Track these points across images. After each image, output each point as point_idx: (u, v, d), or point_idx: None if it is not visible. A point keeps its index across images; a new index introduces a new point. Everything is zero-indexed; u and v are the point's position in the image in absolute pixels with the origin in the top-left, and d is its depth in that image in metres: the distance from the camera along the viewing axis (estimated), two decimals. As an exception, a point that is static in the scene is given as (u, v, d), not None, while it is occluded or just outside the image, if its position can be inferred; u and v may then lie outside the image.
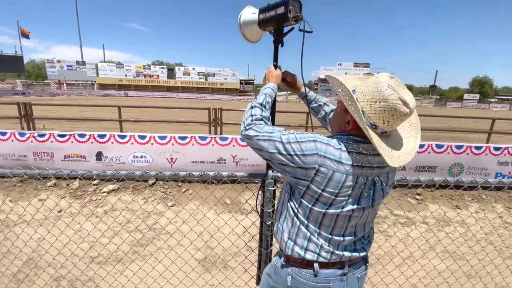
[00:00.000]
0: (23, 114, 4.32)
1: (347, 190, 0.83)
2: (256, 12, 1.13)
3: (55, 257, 2.52)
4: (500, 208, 4.29)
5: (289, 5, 1.01)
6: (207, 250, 2.82)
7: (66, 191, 4.27)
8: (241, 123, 0.96)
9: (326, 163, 0.81)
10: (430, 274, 2.47)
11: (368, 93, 0.80)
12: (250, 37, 1.19)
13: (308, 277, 0.92)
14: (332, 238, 0.89)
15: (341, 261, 0.92)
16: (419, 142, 0.90)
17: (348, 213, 0.86)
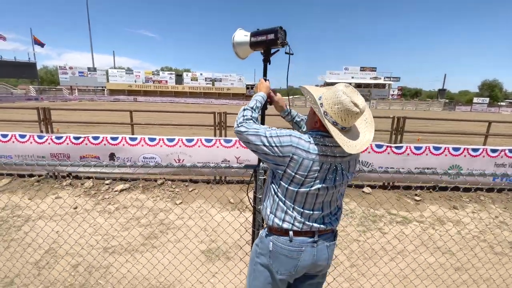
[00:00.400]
0: (42, 118, 4.65)
1: (314, 173, 1.05)
2: (248, 35, 1.37)
3: (72, 247, 2.79)
4: (497, 208, 4.37)
5: (278, 33, 1.27)
6: (210, 243, 3.03)
7: (80, 190, 4.56)
8: (235, 122, 1.20)
9: (298, 152, 1.04)
10: (421, 266, 2.62)
11: (330, 98, 1.04)
12: (242, 55, 1.45)
13: (285, 242, 1.14)
14: (304, 211, 1.11)
15: (312, 231, 1.13)
16: (373, 135, 1.12)
17: (315, 192, 1.08)
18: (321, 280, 1.29)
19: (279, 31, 1.27)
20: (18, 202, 4.05)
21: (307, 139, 1.06)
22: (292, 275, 1.18)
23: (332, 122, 1.04)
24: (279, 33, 1.27)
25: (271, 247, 1.16)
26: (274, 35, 1.27)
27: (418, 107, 43.70)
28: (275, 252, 1.15)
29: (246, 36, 1.36)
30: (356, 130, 1.12)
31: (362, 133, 1.12)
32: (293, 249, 1.13)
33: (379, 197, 4.54)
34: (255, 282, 1.25)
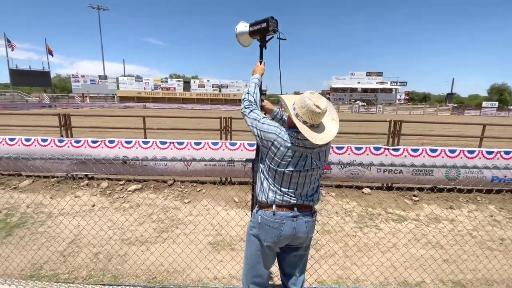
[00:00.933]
0: (63, 124, 5.04)
1: (288, 158, 1.36)
2: (247, 25, 1.70)
3: (93, 238, 3.10)
4: (493, 208, 4.51)
5: (269, 22, 1.59)
6: (216, 236, 3.29)
7: (97, 190, 4.91)
8: (241, 103, 1.54)
9: (278, 140, 1.37)
10: (412, 258, 2.83)
11: (299, 103, 1.35)
12: (244, 43, 1.78)
13: (270, 216, 1.43)
14: (281, 189, 1.42)
15: (290, 205, 1.42)
16: (337, 129, 1.41)
17: (289, 173, 1.38)
18: (304, 252, 1.56)
19: (270, 20, 1.59)
20: (41, 201, 4.41)
21: (286, 133, 1.39)
22: (276, 243, 1.45)
23: (302, 121, 1.35)
24: (270, 22, 1.59)
25: (259, 220, 1.46)
26: (266, 24, 1.60)
27: (426, 111, 43.30)
28: (263, 224, 1.45)
29: (246, 26, 1.70)
30: (324, 126, 1.41)
31: (328, 128, 1.40)
32: (276, 221, 1.42)
33: (378, 197, 4.74)
34: (249, 250, 1.53)
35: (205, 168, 4.97)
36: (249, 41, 1.77)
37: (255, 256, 1.50)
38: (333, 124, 1.42)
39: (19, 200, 4.34)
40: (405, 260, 2.80)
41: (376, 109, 43.02)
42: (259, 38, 1.72)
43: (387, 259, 2.85)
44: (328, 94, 49.09)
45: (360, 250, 3.07)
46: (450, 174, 4.84)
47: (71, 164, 5.10)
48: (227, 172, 5.04)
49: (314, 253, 2.94)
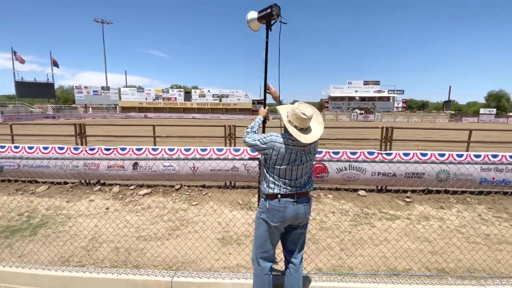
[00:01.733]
0: (78, 132, 5.41)
1: (285, 156, 1.72)
2: (256, 13, 2.15)
3: (111, 235, 3.41)
4: (482, 208, 4.80)
5: (273, 8, 2.01)
6: (224, 233, 3.60)
7: (109, 194, 5.22)
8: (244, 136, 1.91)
9: (276, 146, 1.73)
10: (401, 249, 3.13)
11: (291, 111, 1.72)
12: (254, 27, 2.22)
13: (276, 202, 1.77)
14: (285, 181, 1.77)
15: (291, 193, 1.76)
16: (321, 131, 1.78)
17: (288, 168, 1.74)
18: (303, 230, 1.90)
19: (273, 7, 2.04)
20: (58, 204, 4.73)
21: (281, 137, 1.76)
22: (282, 223, 1.79)
23: (294, 126, 1.72)
24: (274, 8, 2.03)
25: (267, 206, 1.81)
26: (270, 9, 2.04)
27: (423, 118, 43.79)
28: (270, 209, 1.79)
29: (255, 14, 2.16)
30: (311, 129, 1.78)
31: (314, 130, 1.77)
32: (281, 206, 1.77)
33: (373, 199, 5.05)
34: (258, 231, 1.86)
35: (211, 173, 5.30)
36: (258, 26, 2.22)
37: (264, 236, 1.84)
38: (319, 126, 1.79)
39: (38, 204, 4.67)
40: (395, 251, 3.10)
41: (374, 117, 43.55)
42: (265, 22, 2.16)
43: (379, 250, 3.16)
44: (327, 102, 49.80)
45: (354, 244, 3.37)
46: (440, 176, 5.16)
47: (86, 170, 5.44)
48: (231, 177, 5.37)
49: (311, 246, 3.25)
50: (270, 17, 2.06)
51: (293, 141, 1.71)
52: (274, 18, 2.06)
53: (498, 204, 5.07)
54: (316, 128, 1.78)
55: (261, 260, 1.87)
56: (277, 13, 2.00)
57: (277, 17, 2.04)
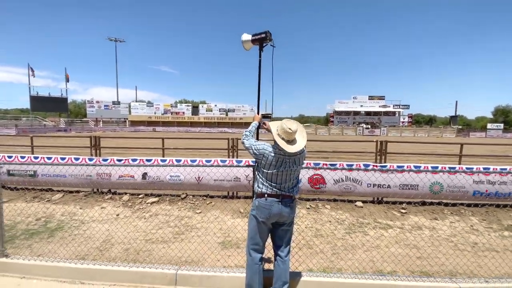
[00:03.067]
0: (93, 144, 5.85)
1: (273, 163, 2.06)
2: (249, 35, 2.61)
3: (122, 238, 3.73)
4: (475, 220, 4.96)
5: (267, 33, 2.47)
6: (225, 238, 3.88)
7: (119, 202, 5.57)
8: (242, 138, 2.24)
9: (265, 153, 2.07)
10: (387, 254, 3.35)
11: (279, 126, 2.08)
12: (246, 47, 2.68)
13: (263, 201, 2.10)
14: (271, 183, 2.09)
15: (277, 194, 2.08)
16: (304, 143, 2.12)
17: (274, 173, 2.07)
18: (288, 228, 2.20)
19: (267, 33, 2.55)
20: (72, 210, 5.09)
21: (271, 146, 2.12)
22: (268, 219, 2.11)
23: (281, 138, 2.06)
24: (267, 34, 2.53)
25: (257, 204, 2.14)
26: (264, 35, 2.56)
27: (430, 133, 43.56)
28: (259, 206, 2.12)
29: (248, 36, 2.63)
30: (296, 141, 2.12)
31: (299, 142, 2.11)
32: (267, 204, 2.10)
33: (369, 209, 5.26)
34: (250, 225, 2.18)
35: (215, 184, 5.62)
36: (250, 46, 2.73)
37: (254, 230, 2.15)
38: (303, 140, 2.13)
39: (54, 211, 5.04)
40: (382, 256, 3.33)
41: (380, 132, 43.57)
42: (258, 44, 2.65)
43: (369, 255, 3.38)
44: (332, 117, 50.21)
45: (346, 249, 3.60)
46: (434, 188, 5.36)
47: (98, 180, 5.84)
48: (233, 187, 5.67)
49: (305, 250, 3.50)
50: (263, 41, 2.59)
51: (280, 151, 2.07)
52: (266, 41, 2.59)
53: (492, 215, 5.21)
54: (300, 141, 2.12)
55: (252, 251, 2.18)
56: (269, 38, 2.55)
57: (269, 41, 2.57)
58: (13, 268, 2.68)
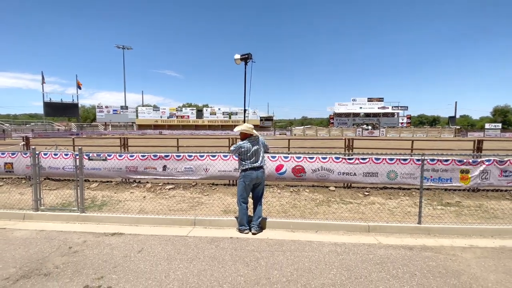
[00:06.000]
0: (122, 144, 7.43)
1: (248, 149, 3.64)
2: (239, 55, 4.90)
3: (153, 209, 5.26)
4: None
5: (249, 54, 4.66)
6: (226, 208, 5.40)
7: (144, 189, 7.13)
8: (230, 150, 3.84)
9: (243, 145, 3.69)
10: (339, 217, 4.82)
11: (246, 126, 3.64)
12: (237, 63, 4.96)
13: (247, 172, 3.67)
14: (250, 161, 3.66)
15: (254, 167, 3.63)
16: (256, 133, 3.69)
17: (249, 154, 3.66)
18: (262, 187, 3.72)
19: (249, 54, 4.88)
20: (109, 194, 6.66)
21: (246, 142, 3.70)
22: (250, 182, 3.64)
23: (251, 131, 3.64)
24: (249, 55, 4.86)
25: (243, 174, 3.67)
26: (247, 55, 4.86)
27: (429, 134, 44.58)
28: (245, 175, 3.65)
29: (238, 55, 4.84)
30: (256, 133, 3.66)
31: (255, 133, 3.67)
32: (250, 173, 3.63)
33: (340, 192, 6.72)
34: (240, 187, 3.72)
35: (219, 174, 7.13)
36: (239, 62, 4.73)
37: (242, 189, 3.68)
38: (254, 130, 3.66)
39: (95, 194, 6.62)
40: (333, 216, 4.80)
41: (379, 133, 44.73)
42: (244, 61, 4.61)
43: (323, 216, 4.86)
44: (332, 119, 51.54)
45: (310, 214, 5.08)
46: (390, 175, 6.80)
47: (126, 172, 7.41)
48: (233, 176, 7.18)
49: (281, 213, 4.99)
50: (247, 59, 4.40)
51: (251, 141, 3.59)
52: (249, 59, 4.39)
53: (437, 196, 6.62)
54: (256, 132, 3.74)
55: (242, 203, 3.71)
56: (250, 57, 4.52)
57: (250, 59, 4.53)
58: (90, 219, 4.23)
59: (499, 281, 2.62)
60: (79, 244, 3.43)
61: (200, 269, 2.79)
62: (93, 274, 2.69)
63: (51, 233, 3.85)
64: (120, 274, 2.68)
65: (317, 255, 3.18)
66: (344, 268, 2.83)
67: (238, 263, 2.93)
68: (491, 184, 6.81)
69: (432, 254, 3.21)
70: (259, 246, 3.42)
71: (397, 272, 2.74)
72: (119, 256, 3.09)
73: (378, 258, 3.06)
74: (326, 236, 3.90)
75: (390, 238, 3.81)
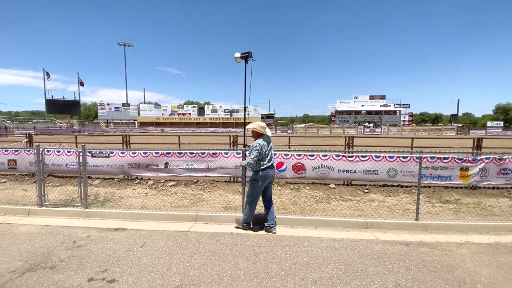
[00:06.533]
0: (125, 141, 7.52)
1: (266, 148, 3.69)
2: (239, 54, 4.78)
3: (155, 205, 5.35)
4: (421, 197, 6.43)
5: (249, 53, 4.58)
6: (227, 204, 5.47)
7: (145, 185, 7.22)
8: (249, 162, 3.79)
9: (264, 146, 3.71)
10: (338, 213, 4.88)
11: (258, 124, 3.68)
12: (237, 61, 4.85)
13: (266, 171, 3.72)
14: (267, 160, 3.72)
15: (270, 166, 3.72)
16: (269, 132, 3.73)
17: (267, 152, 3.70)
18: (271, 184, 3.80)
19: (249, 53, 4.74)
20: (111, 191, 6.75)
21: (262, 140, 3.71)
22: (267, 181, 3.74)
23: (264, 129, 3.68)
24: (249, 53, 4.72)
25: (261, 174, 3.71)
26: (247, 54, 4.73)
27: (430, 132, 44.45)
28: (263, 175, 3.70)
29: (238, 54, 4.76)
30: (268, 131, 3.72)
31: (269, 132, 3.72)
32: (266, 172, 3.70)
33: (340, 190, 6.78)
34: (254, 188, 3.76)
35: (220, 170, 7.20)
36: (240, 60, 4.86)
37: (259, 188, 3.75)
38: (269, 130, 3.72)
39: (97, 190, 6.71)
40: (333, 213, 4.87)
41: (381, 131, 44.66)
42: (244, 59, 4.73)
43: (323, 213, 4.93)
44: (333, 116, 51.48)
45: (310, 211, 5.15)
46: (390, 173, 6.85)
47: (129, 168, 7.49)
48: (234, 173, 7.25)
49: (282, 211, 5.07)
50: (247, 57, 4.71)
51: (264, 139, 3.69)
52: (249, 58, 4.71)
53: (436, 194, 6.68)
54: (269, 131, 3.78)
55: (256, 202, 3.80)
56: (251, 56, 4.75)
57: (251, 57, 4.75)
58: (94, 214, 4.32)
59: (491, 275, 2.68)
60: (83, 239, 3.52)
61: (201, 263, 2.87)
62: (97, 267, 2.78)
63: (56, 228, 3.94)
64: (123, 268, 2.77)
65: (315, 250, 3.25)
66: (341, 263, 2.90)
67: (238, 257, 3.01)
68: (490, 182, 6.85)
69: (428, 249, 3.27)
70: (259, 241, 3.50)
71: (393, 267, 2.81)
72: (122, 250, 3.17)
73: (375, 253, 3.13)
74: (325, 232, 3.97)
75: (387, 234, 3.88)
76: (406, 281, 2.56)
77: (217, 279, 2.56)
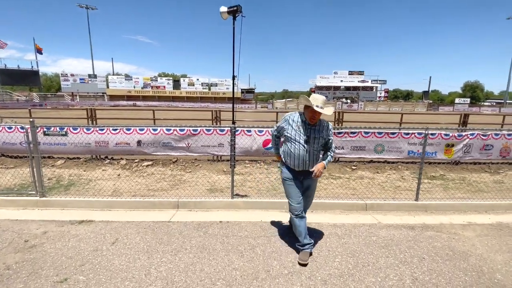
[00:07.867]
0: (89, 116, 6.56)
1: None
2: (226, 8, 4.02)
3: (128, 189, 4.71)
4: (407, 173, 6.36)
5: (238, 6, 3.84)
6: (211, 186, 4.97)
7: (118, 166, 6.46)
8: None
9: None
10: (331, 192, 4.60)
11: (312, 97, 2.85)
12: (224, 17, 4.08)
13: None
14: None
15: None
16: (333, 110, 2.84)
17: None
18: None
19: (238, 6, 3.97)
20: (77, 173, 5.94)
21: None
22: None
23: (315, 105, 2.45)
24: (238, 7, 3.94)
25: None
26: (236, 7, 3.97)
27: (404, 108, 46.10)
28: None
29: (225, 8, 4.01)
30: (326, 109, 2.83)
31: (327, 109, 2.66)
32: None
33: (328, 166, 6.52)
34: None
35: (202, 149, 6.60)
36: (226, 16, 4.10)
37: None
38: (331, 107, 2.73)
39: (61, 173, 5.87)
40: (326, 193, 4.56)
41: (358, 106, 45.50)
42: (232, 14, 3.95)
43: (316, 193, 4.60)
44: (313, 92, 51.35)
45: (303, 191, 4.81)
46: (377, 149, 6.67)
47: (96, 147, 6.63)
48: (218, 151, 6.69)
49: (272, 192, 4.67)
50: (236, 12, 3.94)
51: None
52: (238, 13, 3.95)
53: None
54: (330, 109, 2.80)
55: None
56: (240, 10, 3.97)
57: (240, 13, 3.97)
58: (53, 203, 3.62)
59: (506, 261, 2.51)
60: (38, 236, 2.87)
61: (188, 263, 2.40)
62: (55, 276, 2.21)
63: (3, 222, 3.22)
64: (89, 275, 2.22)
65: (317, 239, 2.91)
66: (348, 254, 2.58)
67: (231, 253, 2.58)
68: (472, 157, 6.93)
69: (434, 233, 3.07)
70: (253, 231, 3.08)
71: (405, 257, 2.55)
72: (88, 250, 2.60)
73: (382, 241, 2.85)
74: (322, 216, 3.64)
75: (388, 216, 3.64)
76: (422, 274, 2.30)
77: (210, 285, 2.12)
